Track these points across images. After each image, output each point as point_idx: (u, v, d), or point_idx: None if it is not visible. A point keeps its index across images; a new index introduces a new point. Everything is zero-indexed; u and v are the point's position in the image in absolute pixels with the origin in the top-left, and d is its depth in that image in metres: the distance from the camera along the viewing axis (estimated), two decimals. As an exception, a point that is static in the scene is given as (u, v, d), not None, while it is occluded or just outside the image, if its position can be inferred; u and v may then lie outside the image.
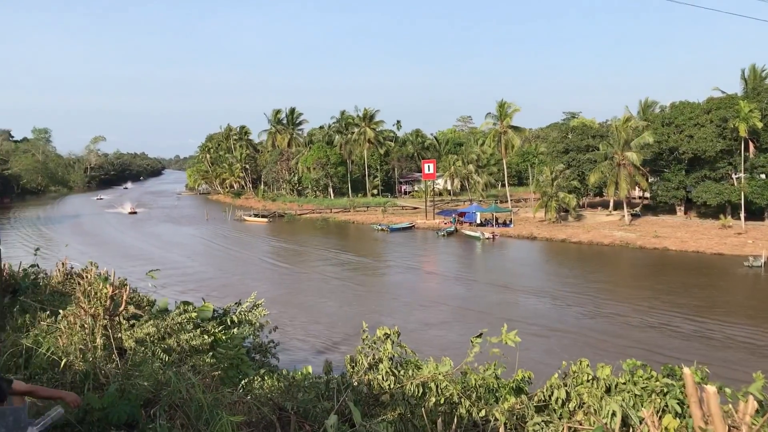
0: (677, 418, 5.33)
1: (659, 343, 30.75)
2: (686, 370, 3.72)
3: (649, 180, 72.40)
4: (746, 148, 63.16)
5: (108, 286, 7.17)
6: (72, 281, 13.38)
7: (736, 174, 64.67)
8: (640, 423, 5.50)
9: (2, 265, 12.78)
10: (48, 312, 9.16)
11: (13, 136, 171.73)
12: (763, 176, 62.85)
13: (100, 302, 7.02)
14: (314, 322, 35.61)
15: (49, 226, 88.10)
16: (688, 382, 3.45)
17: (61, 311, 7.89)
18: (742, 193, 61.44)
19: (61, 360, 6.33)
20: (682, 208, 71.72)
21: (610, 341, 31.10)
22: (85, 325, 6.92)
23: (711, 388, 3.31)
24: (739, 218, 62.29)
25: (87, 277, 8.37)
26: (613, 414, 5.70)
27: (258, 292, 12.38)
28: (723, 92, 69.79)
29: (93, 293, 7.21)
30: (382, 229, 78.65)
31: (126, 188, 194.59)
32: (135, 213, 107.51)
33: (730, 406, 4.12)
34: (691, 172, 67.74)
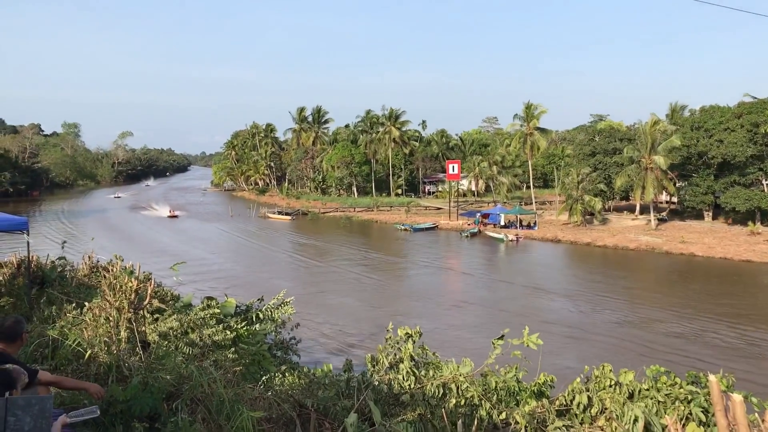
0: (701, 427, 5.26)
1: (688, 348, 30.33)
2: (712, 378, 3.66)
3: (677, 184, 71.45)
4: (777, 154, 62.07)
5: (133, 279, 7.25)
6: (98, 274, 13.58)
7: (766, 180, 63.54)
8: (663, 430, 5.43)
9: (30, 257, 13.00)
10: (74, 304, 9.29)
11: (43, 130, 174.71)
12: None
13: (125, 296, 7.10)
14: (336, 319, 35.67)
15: (74, 220, 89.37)
16: (714, 390, 3.40)
17: (86, 303, 8.00)
18: (773, 200, 60.43)
19: (86, 352, 6.42)
20: (710, 214, 70.66)
21: (638, 346, 30.73)
22: (110, 318, 7.01)
23: (737, 397, 3.25)
24: (769, 225, 61.30)
25: (112, 270, 8.47)
26: (636, 420, 5.64)
27: (279, 289, 12.44)
28: (754, 98, 68.66)
29: (118, 286, 7.29)
30: (405, 229, 78.53)
31: (147, 185, 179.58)
32: (176, 217, 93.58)
33: (756, 415, 4.05)
34: (720, 177, 66.69)
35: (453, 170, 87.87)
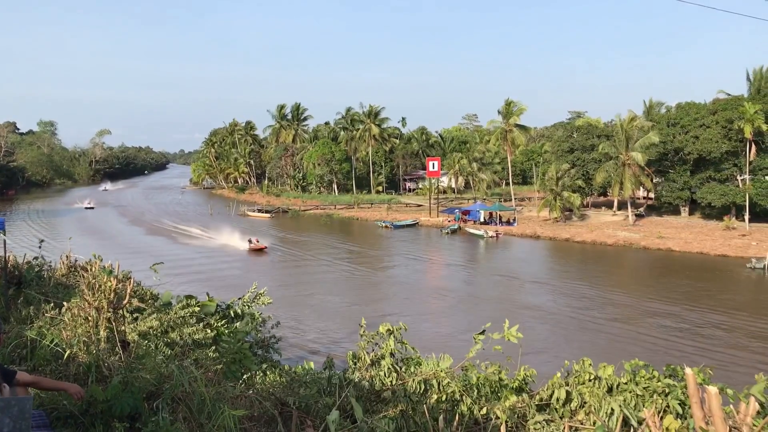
0: (678, 419, 5.33)
1: (667, 342, 30.72)
2: (688, 371, 3.73)
3: (654, 180, 72.24)
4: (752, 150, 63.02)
5: (112, 279, 7.18)
6: (76, 274, 13.44)
7: (741, 175, 64.50)
8: (641, 424, 5.50)
9: (7, 257, 12.84)
10: (52, 304, 9.20)
11: (18, 129, 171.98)
12: (767, 178, 62.67)
13: (104, 295, 7.03)
14: (317, 317, 35.67)
15: (51, 219, 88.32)
16: (690, 383, 3.46)
17: (65, 303, 7.92)
18: (747, 195, 61.31)
19: (65, 352, 6.36)
20: (687, 209, 71.57)
21: (616, 340, 31.09)
22: (89, 318, 6.94)
23: (713, 389, 3.31)
24: (744, 220, 62.17)
25: (91, 269, 8.39)
26: (613, 413, 5.71)
27: (261, 287, 12.42)
28: (728, 94, 69.63)
29: (97, 286, 7.22)
30: (386, 226, 78.65)
31: (105, 189, 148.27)
32: (264, 249, 59.44)
33: (732, 407, 4.12)
34: (696, 173, 67.56)
35: (433, 167, 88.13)
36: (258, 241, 61.01)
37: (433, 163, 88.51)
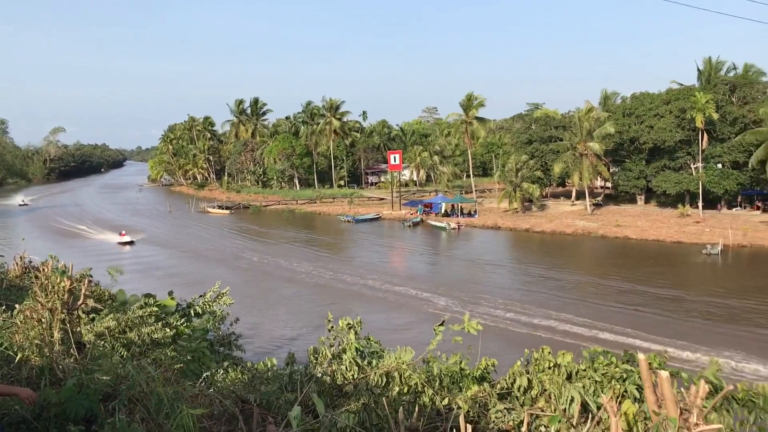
0: (636, 404, 5.43)
1: (635, 329, 31.37)
2: (641, 356, 3.80)
3: (611, 170, 73.47)
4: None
5: (66, 279, 7.01)
6: (30, 275, 13.10)
7: (694, 164, 66.01)
8: (599, 409, 5.60)
9: (-44, 260, 12.47)
10: (3, 307, 8.94)
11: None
12: (719, 166, 64.31)
13: (58, 296, 6.86)
14: (280, 313, 35.51)
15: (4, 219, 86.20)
16: (643, 369, 3.53)
17: (17, 306, 7.71)
18: (700, 183, 62.79)
19: (16, 356, 6.19)
20: (643, 198, 73.03)
21: (578, 328, 31.63)
22: (43, 320, 6.76)
23: (664, 373, 3.38)
24: (697, 207, 63.68)
25: (45, 270, 8.18)
26: (572, 400, 5.79)
27: (224, 284, 12.25)
28: (680, 84, 71.19)
29: (51, 287, 7.04)
30: (348, 221, 78.58)
31: (24, 203, 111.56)
32: None
33: (683, 390, 4.22)
34: (651, 161, 68.98)
35: (395, 161, 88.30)
36: None
37: (395, 157, 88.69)
